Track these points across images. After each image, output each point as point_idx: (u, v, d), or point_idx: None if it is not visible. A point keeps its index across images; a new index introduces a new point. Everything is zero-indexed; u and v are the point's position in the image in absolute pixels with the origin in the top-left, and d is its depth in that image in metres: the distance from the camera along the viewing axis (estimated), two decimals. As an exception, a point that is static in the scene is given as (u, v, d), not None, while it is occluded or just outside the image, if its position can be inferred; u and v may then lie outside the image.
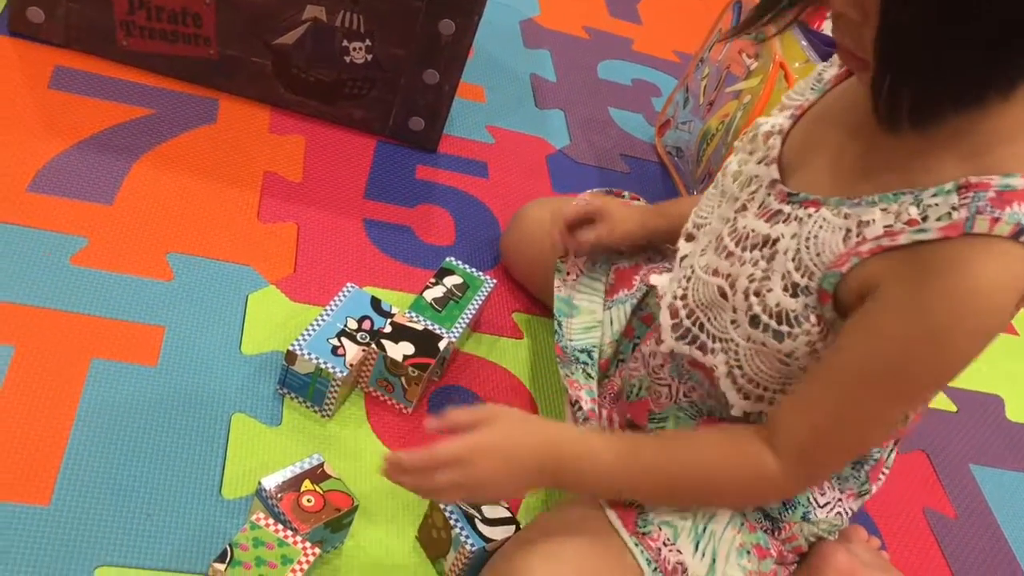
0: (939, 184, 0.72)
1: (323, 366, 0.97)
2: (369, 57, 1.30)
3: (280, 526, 0.84)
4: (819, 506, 0.91)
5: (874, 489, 0.96)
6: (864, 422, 0.80)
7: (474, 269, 1.16)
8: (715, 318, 0.86)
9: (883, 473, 0.98)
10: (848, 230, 0.76)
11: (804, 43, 1.31)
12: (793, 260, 0.79)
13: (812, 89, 0.90)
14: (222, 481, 0.93)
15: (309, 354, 0.98)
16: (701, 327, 0.88)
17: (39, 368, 0.95)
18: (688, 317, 0.89)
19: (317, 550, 0.83)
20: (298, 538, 0.84)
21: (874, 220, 0.75)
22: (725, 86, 1.41)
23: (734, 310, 0.84)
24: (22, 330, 0.98)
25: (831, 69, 0.90)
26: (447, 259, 1.16)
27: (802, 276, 0.79)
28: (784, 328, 0.81)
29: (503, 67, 1.64)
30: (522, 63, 1.67)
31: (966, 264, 0.70)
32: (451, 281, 1.14)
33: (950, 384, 1.33)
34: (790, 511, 0.91)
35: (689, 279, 0.90)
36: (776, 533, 0.93)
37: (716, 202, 0.93)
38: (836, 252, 0.77)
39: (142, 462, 0.92)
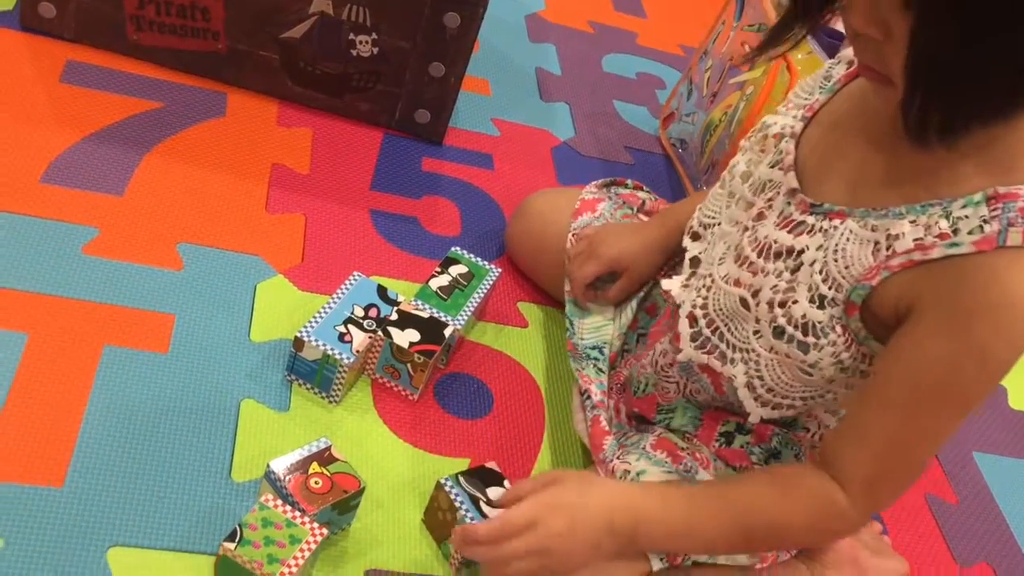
0: (967, 195, 0.73)
1: (330, 352, 0.99)
2: (375, 50, 1.32)
3: (288, 507, 0.86)
4: None
5: None
6: (922, 443, 0.79)
7: (479, 258, 1.17)
8: (736, 328, 0.87)
9: None
10: (877, 243, 0.77)
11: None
12: (820, 272, 0.80)
13: (820, 88, 0.90)
14: (232, 464, 0.95)
15: (316, 341, 1.00)
16: (721, 337, 0.88)
17: (52, 354, 0.97)
18: (708, 327, 0.89)
19: (325, 530, 0.85)
20: (306, 519, 0.85)
21: (904, 233, 0.75)
22: (728, 78, 1.42)
23: (757, 320, 0.84)
24: (35, 318, 1.00)
25: (838, 67, 0.90)
26: (453, 248, 1.17)
27: (829, 288, 0.79)
28: (810, 339, 0.81)
29: (508, 61, 1.65)
30: (527, 57, 1.69)
31: (1002, 279, 0.71)
32: (456, 270, 1.15)
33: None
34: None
35: (709, 288, 0.90)
36: (778, 515, 0.94)
37: (724, 203, 0.93)
38: (865, 265, 0.77)
39: (153, 446, 0.94)
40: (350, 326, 1.03)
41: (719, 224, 0.93)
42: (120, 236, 1.11)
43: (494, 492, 0.94)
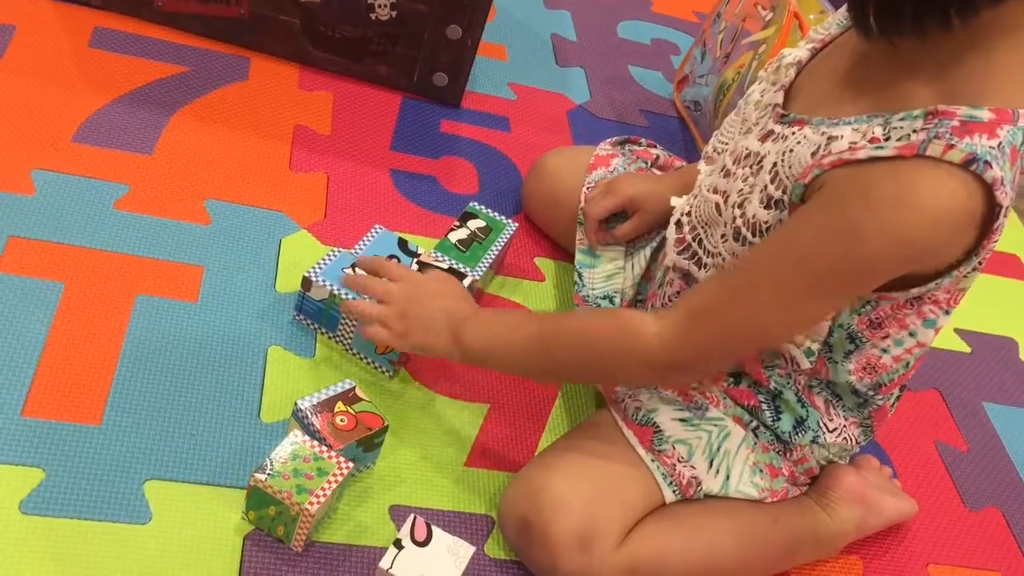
0: (910, 110, 0.76)
1: (336, 292, 1.02)
2: (393, 14, 1.35)
3: (315, 442, 0.89)
4: (828, 431, 0.95)
5: (877, 429, 1.00)
6: (759, 305, 0.81)
7: (497, 213, 1.20)
8: (711, 234, 0.91)
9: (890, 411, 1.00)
10: (819, 145, 0.80)
11: (818, -7, 1.34)
12: (770, 174, 0.84)
13: (838, 24, 0.92)
14: (260, 406, 0.99)
15: (323, 280, 1.03)
16: (700, 243, 0.92)
17: (88, 303, 1.01)
18: (690, 232, 0.93)
19: (350, 464, 0.89)
20: (332, 453, 0.89)
21: (843, 136, 0.78)
22: (741, 39, 1.44)
23: (724, 224, 0.88)
24: (71, 268, 1.04)
25: None
26: (471, 204, 1.21)
27: (776, 189, 0.83)
28: (758, 240, 0.85)
29: (524, 27, 1.68)
30: (543, 23, 1.71)
31: (904, 178, 0.73)
32: (475, 224, 1.18)
33: (960, 328, 1.37)
34: (800, 434, 0.94)
35: (696, 197, 0.94)
36: (787, 455, 0.97)
37: (738, 129, 0.96)
38: (804, 164, 0.80)
39: (185, 388, 0.98)
40: (358, 269, 1.06)
41: (729, 148, 0.96)
42: (150, 192, 1.15)
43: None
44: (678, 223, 0.96)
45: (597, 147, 1.25)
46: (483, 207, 1.21)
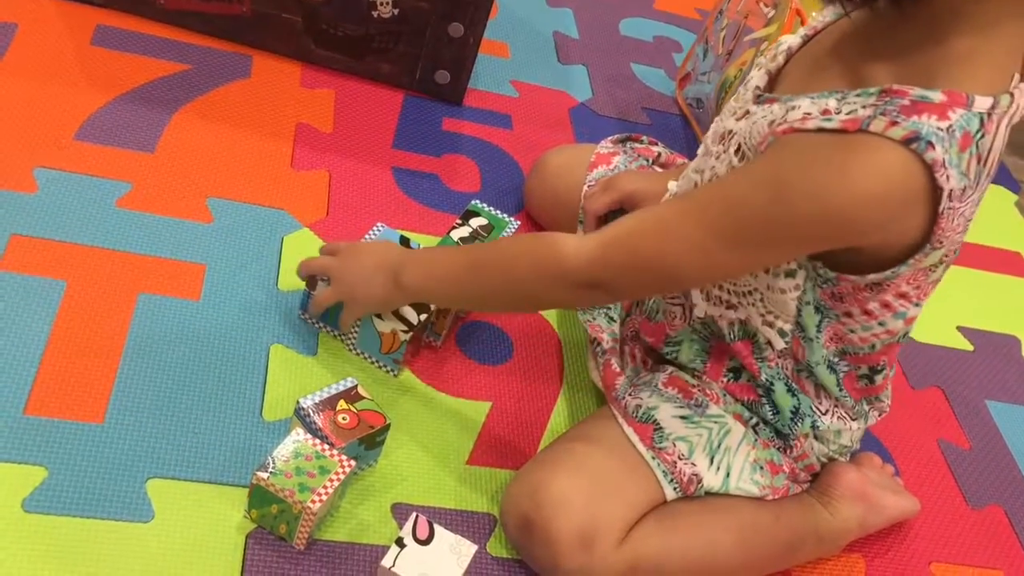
0: (867, 88, 0.76)
1: None
2: (395, 11, 1.35)
3: (317, 441, 0.90)
4: (822, 413, 0.95)
5: (874, 419, 0.99)
6: (676, 241, 0.81)
7: (499, 211, 1.20)
8: None
9: (883, 403, 0.99)
10: (779, 117, 0.80)
11: (820, -10, 1.34)
12: (736, 151, 0.85)
13: (835, 12, 0.92)
14: (263, 404, 0.99)
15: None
16: None
17: (90, 300, 1.02)
18: None
19: (352, 462, 0.89)
20: (335, 451, 0.89)
21: (799, 107, 0.78)
22: (743, 35, 1.44)
23: None
24: (73, 266, 1.04)
25: None
26: (473, 202, 1.20)
27: (739, 161, 0.84)
28: None
29: (526, 25, 1.68)
30: (545, 21, 1.71)
31: (841, 149, 0.73)
32: (477, 222, 1.18)
33: (962, 326, 1.37)
34: (799, 423, 0.95)
35: (683, 178, 0.96)
36: (788, 451, 0.97)
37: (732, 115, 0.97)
38: (762, 134, 0.81)
39: (188, 386, 0.98)
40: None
41: None
42: (152, 190, 1.15)
43: None
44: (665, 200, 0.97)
45: (599, 145, 1.25)
46: (485, 205, 1.21)
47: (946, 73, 0.73)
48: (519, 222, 1.20)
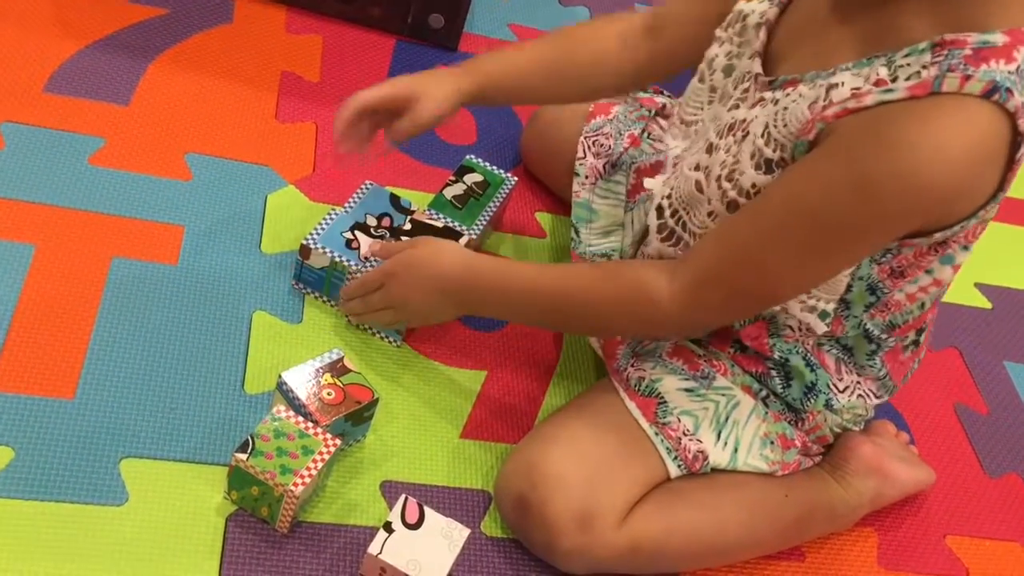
0: (914, 44, 0.69)
1: (338, 259, 0.97)
2: (385, -49, 1.27)
3: (301, 418, 0.84)
4: (839, 391, 0.90)
5: (898, 383, 0.94)
6: (769, 265, 0.77)
7: (495, 167, 1.14)
8: (695, 214, 0.85)
9: (910, 366, 0.95)
10: (818, 98, 0.73)
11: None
12: (763, 136, 0.77)
13: None
14: (244, 376, 0.93)
15: (323, 248, 0.97)
16: (684, 226, 0.86)
17: (60, 266, 0.96)
18: (672, 216, 0.88)
19: (338, 441, 0.84)
20: (319, 430, 0.84)
21: (843, 83, 0.72)
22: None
23: (709, 202, 0.82)
24: (42, 229, 0.98)
25: None
26: (467, 157, 1.14)
27: (773, 151, 0.76)
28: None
29: (526, -36, 1.59)
30: (545, -41, 1.62)
31: (921, 119, 0.67)
32: (471, 178, 1.12)
33: (980, 283, 1.31)
34: (812, 400, 0.90)
35: (676, 178, 0.88)
36: (800, 424, 0.92)
37: (706, 97, 0.90)
38: (803, 120, 0.74)
39: (164, 358, 0.92)
40: (357, 232, 1.01)
41: (702, 122, 0.90)
42: (127, 146, 1.09)
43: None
44: (659, 208, 0.89)
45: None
46: (480, 160, 1.14)
47: (996, 10, 0.67)
48: (516, 178, 1.14)
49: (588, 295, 0.86)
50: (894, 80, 0.68)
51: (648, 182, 0.95)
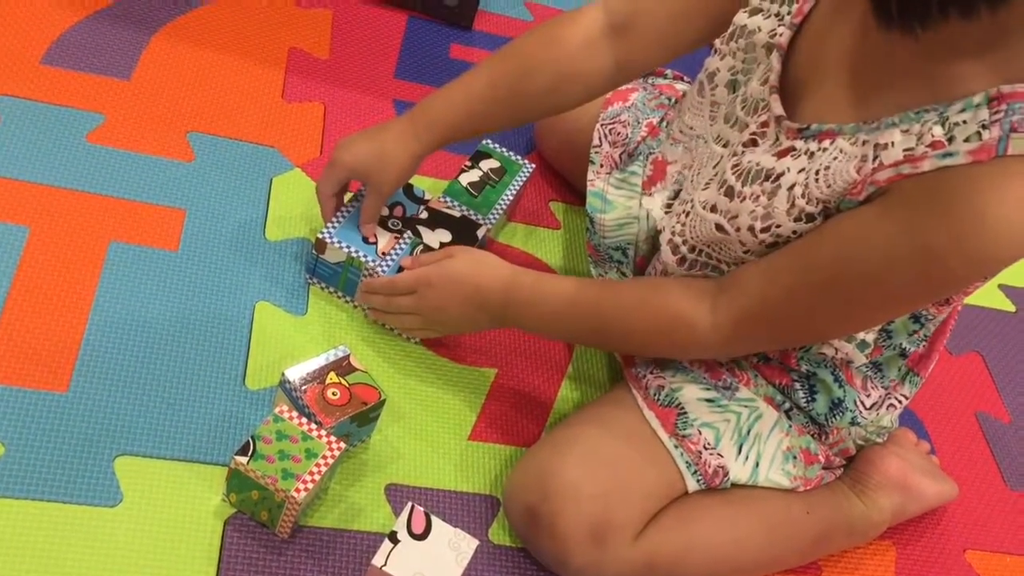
0: (967, 97, 0.64)
1: (355, 255, 0.93)
2: (400, -77, 1.21)
3: (304, 419, 0.81)
4: (866, 408, 0.87)
5: (921, 377, 0.90)
6: (818, 312, 0.75)
7: (511, 152, 1.09)
8: (722, 250, 0.81)
9: (933, 357, 0.91)
10: (864, 156, 0.69)
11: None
12: (803, 197, 0.72)
13: None
14: (245, 371, 0.90)
15: (340, 242, 0.93)
16: (708, 257, 0.83)
17: (55, 250, 0.92)
18: (692, 252, 0.84)
19: (343, 444, 0.80)
20: (322, 432, 0.80)
21: (893, 143, 0.67)
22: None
23: (741, 243, 0.78)
24: (37, 210, 0.94)
25: None
26: (483, 142, 1.10)
27: (812, 205, 0.72)
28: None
29: (544, -61, 1.54)
30: (564, -65, 1.56)
31: (986, 190, 0.62)
32: (487, 165, 1.08)
33: (1004, 284, 1.27)
34: (837, 416, 0.86)
35: (688, 215, 0.84)
36: (823, 438, 0.89)
37: (707, 113, 0.86)
38: (848, 180, 0.69)
39: (162, 350, 0.89)
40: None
41: (705, 141, 0.85)
42: (127, 123, 1.04)
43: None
44: (672, 243, 0.85)
45: None
46: (497, 145, 1.10)
47: None
48: (533, 165, 1.10)
49: (626, 323, 0.84)
50: (951, 140, 0.63)
51: (647, 201, 0.93)
